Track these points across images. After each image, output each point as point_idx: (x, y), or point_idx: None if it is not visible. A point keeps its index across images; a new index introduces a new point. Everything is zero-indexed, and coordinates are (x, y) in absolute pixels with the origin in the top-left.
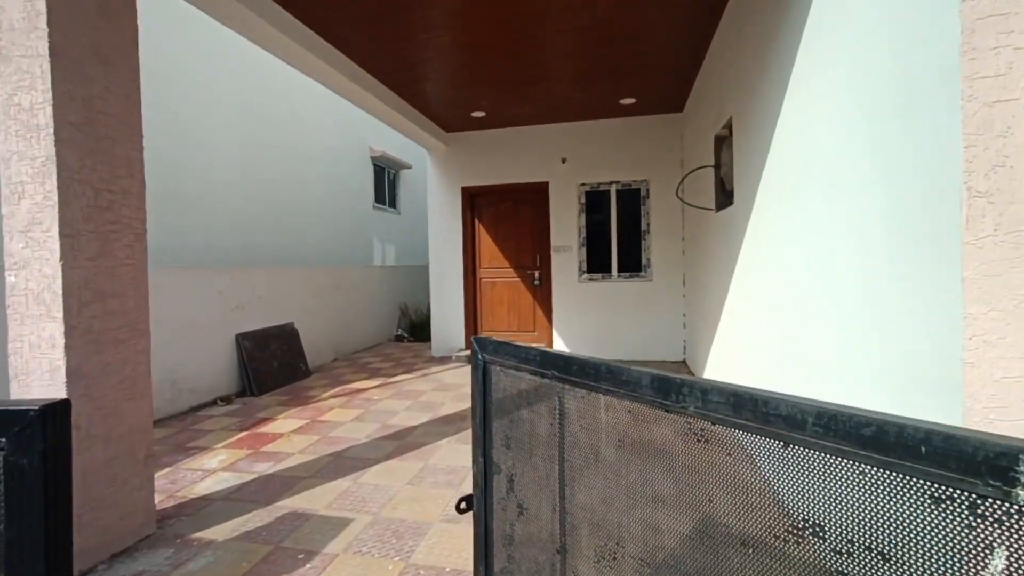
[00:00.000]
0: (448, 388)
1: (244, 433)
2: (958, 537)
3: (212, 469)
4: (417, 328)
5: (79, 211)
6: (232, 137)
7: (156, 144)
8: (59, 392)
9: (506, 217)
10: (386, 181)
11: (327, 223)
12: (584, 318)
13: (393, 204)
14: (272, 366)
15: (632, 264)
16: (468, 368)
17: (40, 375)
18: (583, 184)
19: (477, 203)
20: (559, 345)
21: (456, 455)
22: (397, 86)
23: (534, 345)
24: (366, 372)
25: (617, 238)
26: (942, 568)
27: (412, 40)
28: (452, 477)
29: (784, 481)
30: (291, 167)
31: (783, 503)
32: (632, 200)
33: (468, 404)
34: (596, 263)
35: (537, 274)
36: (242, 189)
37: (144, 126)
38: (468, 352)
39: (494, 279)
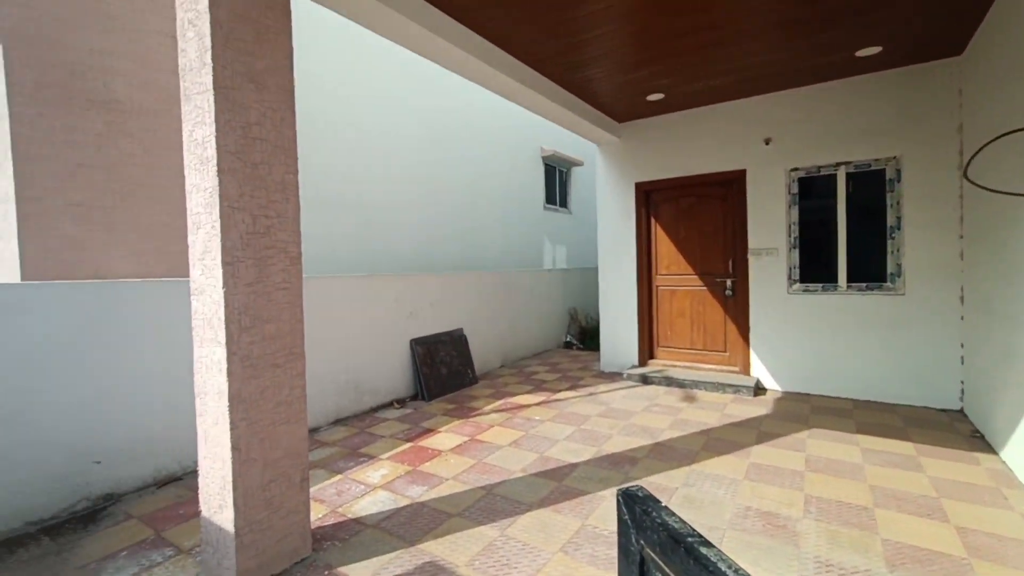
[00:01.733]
0: (616, 416)
1: (408, 445)
2: None
3: (373, 485)
4: (587, 335)
5: (238, 238)
6: (411, 148)
7: (345, 161)
8: (224, 415)
9: (689, 215)
10: (557, 180)
11: (498, 227)
12: (796, 340)
13: (564, 204)
14: (442, 372)
15: (870, 272)
16: (641, 391)
17: (213, 396)
18: (795, 169)
19: (653, 200)
20: (759, 371)
21: None
22: (559, 75)
23: None
24: (531, 384)
25: (847, 237)
26: None
27: (573, 16)
28: (615, 553)
29: None
30: (464, 173)
31: None
32: (871, 186)
33: (639, 441)
34: (814, 270)
35: (730, 283)
36: (419, 197)
37: (335, 146)
38: (641, 371)
39: (674, 287)
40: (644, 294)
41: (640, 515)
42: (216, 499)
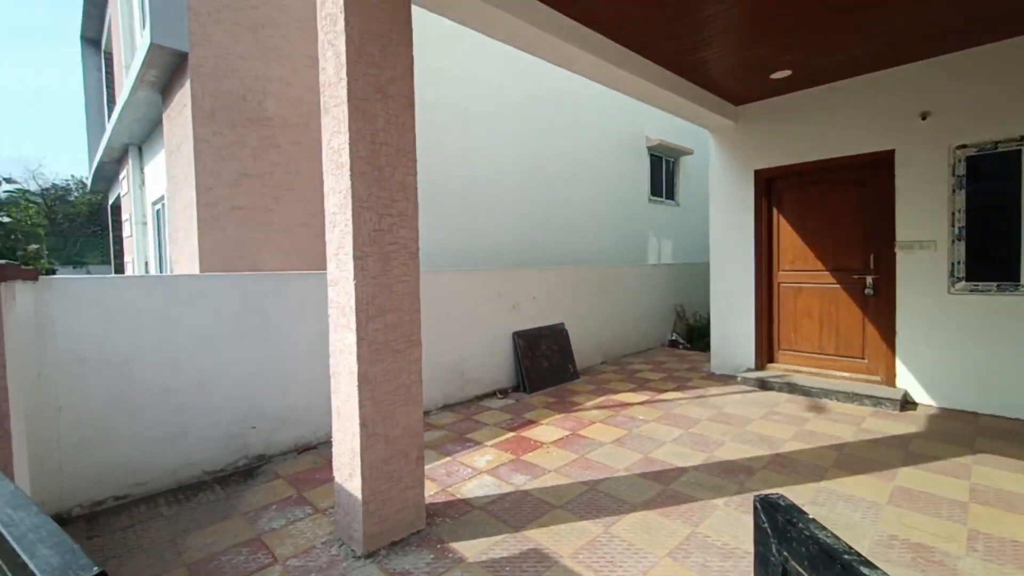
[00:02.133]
0: (729, 421)
1: (511, 434)
2: None
3: (479, 469)
4: (694, 334)
5: (366, 235)
6: (512, 143)
7: (454, 160)
8: (354, 393)
9: (819, 204)
10: (663, 171)
11: (600, 221)
12: (959, 348)
13: (671, 195)
14: (542, 366)
15: None
16: (758, 396)
17: (345, 376)
18: (962, 147)
19: (776, 189)
20: (908, 383)
21: (736, 529)
22: (669, 59)
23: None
24: (633, 382)
25: None
26: None
27: None
28: (729, 567)
29: None
30: (565, 166)
31: None
32: None
33: (756, 450)
34: (985, 266)
35: (870, 280)
36: (521, 191)
37: (446, 145)
38: (758, 374)
39: (799, 284)
40: (763, 291)
41: (783, 524)
42: (347, 468)
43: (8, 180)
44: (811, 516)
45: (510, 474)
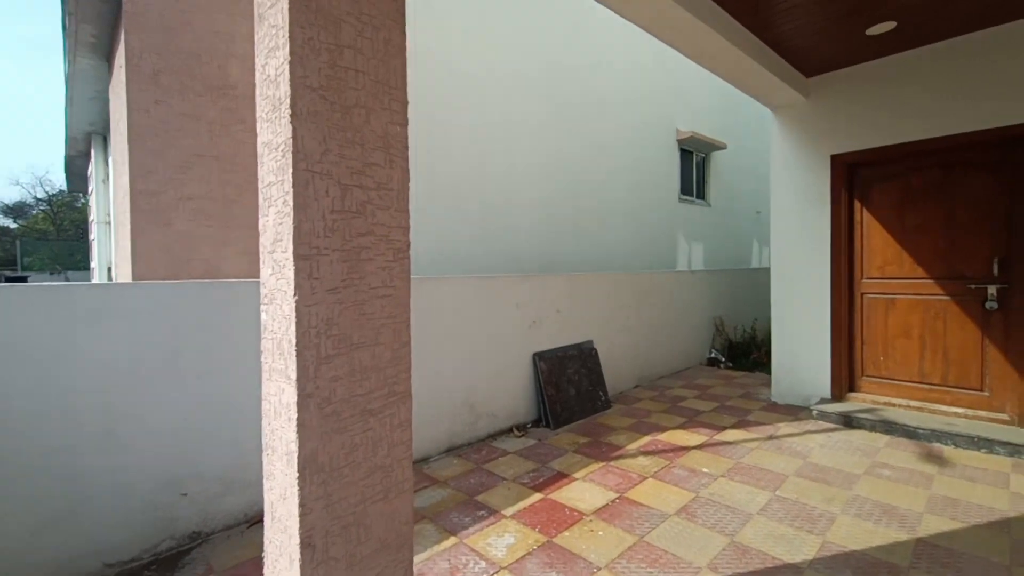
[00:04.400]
0: (825, 478)
1: (537, 496)
2: None
3: (498, 563)
4: (737, 351)
5: (319, 218)
6: (532, 135)
7: (461, 148)
8: (293, 488)
9: (924, 195)
10: (693, 167)
11: (625, 221)
12: None
13: (701, 195)
14: (569, 394)
15: None
16: (846, 437)
17: (281, 456)
18: None
19: (861, 178)
20: None
21: None
22: (745, 9)
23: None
24: (680, 414)
25: None
26: None
27: None
28: None
29: None
30: (589, 162)
31: None
32: None
33: (885, 530)
34: None
35: (994, 290)
36: (540, 189)
37: (451, 130)
38: (838, 408)
39: (892, 295)
40: (842, 304)
41: None
42: None
43: None
44: None
45: (543, 571)
